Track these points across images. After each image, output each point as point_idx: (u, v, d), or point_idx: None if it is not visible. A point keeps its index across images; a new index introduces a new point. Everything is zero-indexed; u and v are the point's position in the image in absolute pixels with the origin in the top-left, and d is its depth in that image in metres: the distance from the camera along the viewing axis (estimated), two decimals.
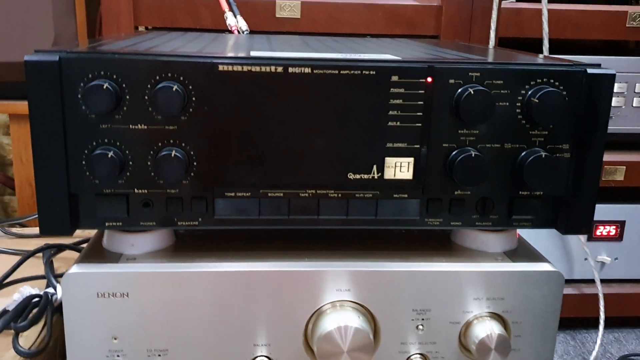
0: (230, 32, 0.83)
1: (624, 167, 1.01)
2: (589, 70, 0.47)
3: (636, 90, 0.99)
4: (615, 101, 1.00)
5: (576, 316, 1.07)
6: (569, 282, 1.07)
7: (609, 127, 1.01)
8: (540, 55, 0.89)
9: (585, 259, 1.05)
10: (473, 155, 0.47)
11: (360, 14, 0.94)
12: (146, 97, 0.45)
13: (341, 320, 0.48)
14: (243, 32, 0.83)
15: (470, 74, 0.46)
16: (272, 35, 0.77)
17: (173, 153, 0.45)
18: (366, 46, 0.64)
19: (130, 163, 0.46)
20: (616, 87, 0.99)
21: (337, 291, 0.50)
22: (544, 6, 0.90)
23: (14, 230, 0.90)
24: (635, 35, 0.98)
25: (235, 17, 0.83)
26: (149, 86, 0.45)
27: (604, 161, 0.99)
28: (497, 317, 0.51)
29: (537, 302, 0.51)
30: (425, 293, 0.50)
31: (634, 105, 1.00)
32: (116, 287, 0.48)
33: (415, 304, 0.50)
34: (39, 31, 0.95)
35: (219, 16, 0.85)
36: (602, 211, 1.05)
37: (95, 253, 0.51)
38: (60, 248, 0.76)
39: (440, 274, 0.50)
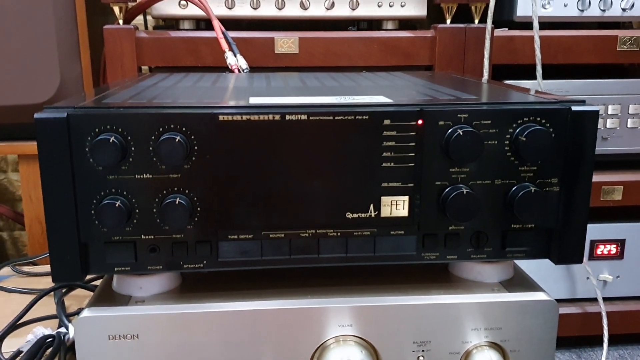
0: (231, 71, 0.86)
1: (622, 186, 1.02)
2: (574, 108, 0.49)
3: (630, 112, 1.01)
4: (610, 123, 1.02)
5: (580, 335, 1.08)
6: (571, 301, 1.08)
7: (605, 149, 1.03)
8: (533, 85, 0.91)
9: (587, 277, 1.06)
10: (465, 192, 0.49)
11: (356, 47, 0.97)
12: (151, 148, 0.47)
13: (344, 355, 0.50)
14: (243, 71, 0.85)
15: (459, 115, 0.49)
16: (271, 74, 0.79)
17: (177, 200, 0.47)
18: (361, 84, 0.66)
19: (137, 211, 0.48)
20: (610, 109, 1.01)
21: (339, 326, 0.51)
22: (536, 33, 0.93)
23: (25, 269, 0.92)
24: (626, 58, 1.00)
25: (235, 56, 0.86)
26: (153, 138, 0.47)
27: (602, 182, 1.01)
28: (495, 346, 0.53)
29: (533, 330, 0.53)
30: (425, 325, 0.52)
31: (628, 126, 1.02)
32: (126, 330, 0.50)
33: (416, 336, 0.52)
34: (45, 74, 0.98)
35: (220, 54, 0.88)
36: (602, 230, 1.06)
37: (105, 296, 0.53)
38: (71, 287, 0.78)
39: (439, 306, 0.52)
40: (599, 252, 1.07)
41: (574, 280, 1.08)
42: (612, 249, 1.07)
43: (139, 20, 1.15)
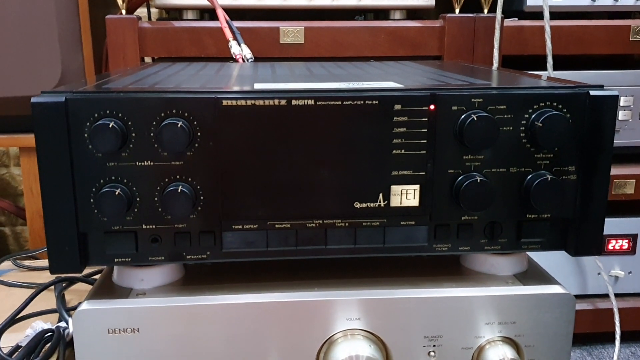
0: (235, 60, 0.84)
1: (634, 180, 1.00)
2: (592, 92, 0.47)
3: None
4: (622, 115, 0.99)
5: (592, 331, 1.06)
6: (583, 297, 1.06)
7: (616, 141, 1.01)
8: (544, 75, 0.89)
9: (599, 273, 1.04)
10: (479, 180, 0.47)
11: (363, 37, 0.95)
12: (152, 134, 0.45)
13: (352, 350, 0.48)
14: (247, 61, 0.84)
15: (472, 100, 0.47)
16: (276, 63, 0.77)
17: (180, 188, 0.46)
18: (369, 72, 0.64)
19: (138, 199, 0.46)
20: (622, 101, 0.99)
21: (347, 320, 0.49)
22: (547, 23, 0.91)
23: (26, 263, 0.91)
24: (638, 48, 0.98)
25: (239, 45, 0.84)
26: (154, 123, 0.45)
27: (614, 175, 0.98)
28: (509, 341, 0.51)
29: (549, 325, 0.51)
30: (436, 319, 0.50)
31: None
32: (127, 323, 0.48)
33: (427, 331, 0.50)
34: (46, 65, 0.96)
35: (224, 45, 0.86)
36: (614, 225, 1.04)
37: (105, 289, 0.52)
38: (72, 281, 0.76)
39: (451, 299, 0.50)
40: (610, 247, 1.05)
41: (584, 276, 1.06)
42: (624, 244, 1.05)
43: (141, 11, 1.13)
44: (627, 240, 1.05)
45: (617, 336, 0.98)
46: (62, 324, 0.64)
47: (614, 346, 0.97)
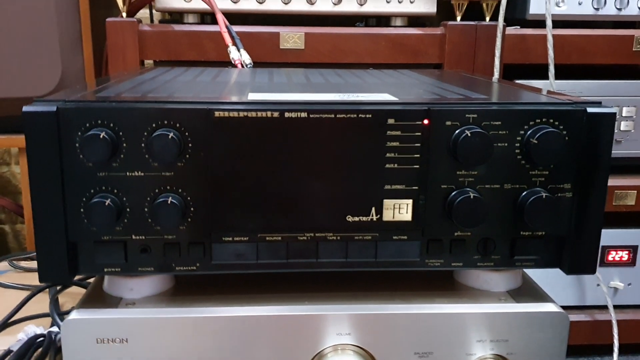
0: (234, 66, 0.83)
1: (635, 191, 0.99)
2: (589, 110, 0.47)
3: None
4: (624, 125, 0.99)
5: (590, 343, 1.05)
6: (581, 308, 1.05)
7: (618, 152, 1.01)
8: (546, 85, 0.89)
9: (598, 284, 1.03)
10: (472, 197, 0.46)
11: (363, 43, 0.94)
12: (143, 145, 0.45)
13: None
14: (246, 66, 0.83)
15: (467, 115, 0.46)
16: (274, 70, 0.77)
17: (170, 199, 0.45)
18: (367, 81, 0.64)
19: (128, 210, 0.46)
20: (625, 111, 0.98)
21: (337, 335, 0.49)
22: (549, 32, 0.90)
23: (22, 264, 0.91)
24: None
25: (238, 51, 0.84)
26: (145, 134, 0.45)
27: (615, 186, 0.98)
28: (501, 359, 0.50)
29: (541, 344, 0.50)
30: (427, 335, 0.49)
31: None
32: (115, 333, 0.48)
33: (418, 347, 0.50)
34: (47, 67, 0.96)
35: (224, 49, 0.86)
36: (614, 236, 1.03)
37: (95, 297, 0.51)
38: (66, 284, 0.76)
39: (442, 316, 0.50)
40: (610, 258, 1.04)
41: (583, 287, 1.05)
42: (624, 255, 1.04)
43: (144, 14, 1.13)
44: (627, 252, 1.04)
45: (616, 348, 0.98)
46: (54, 328, 0.64)
47: (612, 358, 0.97)
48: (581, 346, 1.06)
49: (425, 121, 0.46)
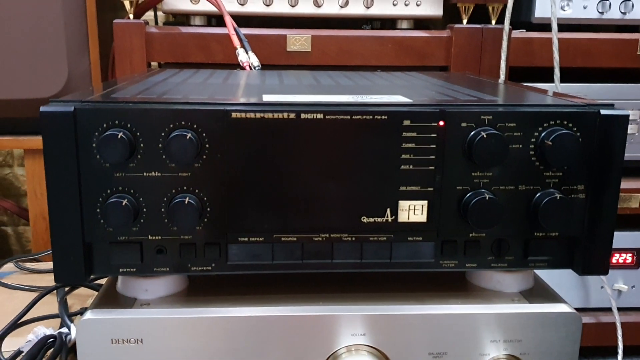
0: (242, 68, 0.84)
1: (639, 194, 1.00)
2: (602, 112, 0.47)
3: None
4: (629, 128, 0.99)
5: (594, 345, 1.05)
6: (586, 310, 1.05)
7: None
8: (551, 88, 0.89)
9: (602, 287, 1.04)
10: (487, 198, 0.47)
11: (370, 46, 0.95)
12: (160, 145, 0.45)
13: None
14: (254, 68, 0.83)
15: (482, 117, 0.46)
16: (283, 72, 0.77)
17: (186, 200, 0.45)
18: (377, 83, 0.64)
19: (144, 210, 0.46)
20: (630, 115, 0.99)
21: (352, 336, 0.49)
22: (554, 35, 0.90)
23: (29, 265, 0.91)
24: None
25: (246, 53, 0.84)
26: (162, 134, 0.45)
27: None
28: (514, 359, 0.50)
29: (554, 344, 0.50)
30: (441, 336, 0.50)
31: None
32: (130, 334, 0.48)
33: (432, 348, 0.50)
34: (53, 68, 0.96)
35: (231, 51, 0.86)
36: (618, 239, 1.03)
37: (109, 298, 0.51)
38: (74, 285, 0.76)
39: (456, 316, 0.50)
40: (614, 260, 1.04)
41: (587, 289, 1.05)
42: (628, 257, 1.05)
43: (149, 15, 1.13)
44: (631, 254, 1.05)
45: (620, 350, 0.98)
46: (64, 329, 0.64)
47: None
48: (585, 348, 1.06)
49: (441, 123, 0.46)
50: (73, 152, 0.44)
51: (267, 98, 0.49)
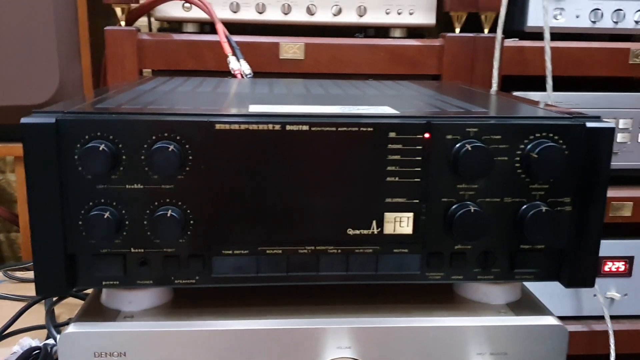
0: (234, 76, 0.83)
1: (632, 202, 1.00)
2: (588, 124, 0.47)
3: None
4: (620, 137, 0.99)
5: (586, 354, 1.05)
6: (578, 319, 1.05)
7: (615, 163, 1.01)
8: (543, 97, 0.89)
9: (594, 295, 1.03)
10: (472, 210, 0.46)
11: (362, 54, 0.95)
12: (143, 157, 0.45)
13: None
14: (246, 76, 0.83)
15: (467, 129, 0.46)
16: (274, 80, 0.77)
17: (169, 212, 0.45)
18: (367, 93, 0.64)
19: (127, 223, 0.46)
20: (621, 123, 0.99)
21: (337, 348, 0.49)
22: (547, 44, 0.90)
23: (17, 274, 0.90)
24: (638, 71, 0.98)
25: (238, 61, 0.84)
26: (145, 146, 0.45)
27: (611, 197, 0.98)
28: None
29: (541, 357, 0.50)
30: (427, 348, 0.49)
31: (639, 140, 0.99)
32: (114, 347, 0.47)
33: None
34: (44, 75, 0.96)
35: (223, 58, 0.86)
36: (611, 247, 1.03)
37: (93, 310, 0.51)
38: (62, 296, 0.76)
39: (442, 329, 0.49)
40: (606, 269, 1.04)
41: (580, 298, 1.05)
42: (620, 266, 1.04)
43: (143, 22, 1.13)
44: (623, 263, 1.04)
45: (612, 359, 0.98)
46: (50, 341, 0.64)
47: None
48: (578, 356, 1.05)
49: (427, 135, 0.46)
50: (55, 164, 0.44)
51: (253, 109, 0.49)
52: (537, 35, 0.95)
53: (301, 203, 0.47)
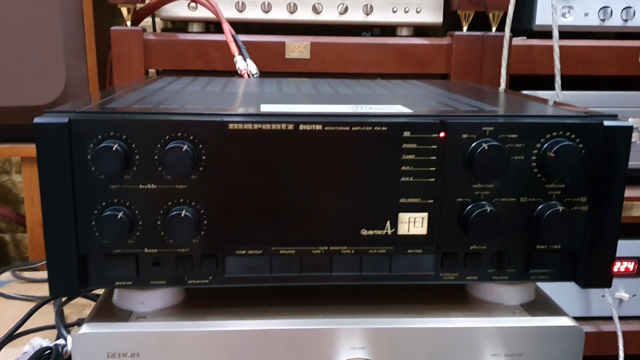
0: (241, 75, 0.83)
1: None
2: (606, 123, 0.46)
3: None
4: None
5: (595, 354, 1.04)
6: (586, 319, 1.04)
7: None
8: (552, 95, 0.88)
9: (603, 295, 1.03)
10: (488, 210, 0.46)
11: (369, 53, 0.94)
12: (156, 157, 0.44)
13: None
14: (253, 76, 0.83)
15: (483, 128, 0.46)
16: (282, 80, 0.76)
17: (183, 213, 0.45)
18: (377, 92, 0.64)
19: (140, 223, 0.45)
20: (631, 122, 0.98)
21: (351, 349, 0.48)
22: (555, 43, 0.90)
23: (26, 274, 0.90)
24: None
25: (244, 60, 0.84)
26: (158, 146, 0.44)
27: None
28: None
29: (556, 357, 0.50)
30: (441, 350, 0.49)
31: None
32: (127, 347, 0.47)
33: None
34: (50, 75, 0.95)
35: (229, 58, 0.86)
36: (619, 247, 1.01)
37: (105, 310, 0.51)
38: (71, 296, 0.75)
39: (457, 330, 0.49)
40: (615, 269, 1.04)
41: (588, 298, 1.04)
42: (630, 266, 1.04)
43: (147, 23, 1.13)
44: (632, 263, 1.04)
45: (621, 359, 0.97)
46: (61, 341, 0.63)
47: None
48: (586, 357, 1.05)
49: (442, 134, 0.46)
50: (68, 164, 0.44)
51: (265, 108, 0.48)
52: (546, 33, 0.94)
53: (314, 203, 0.46)
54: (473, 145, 0.46)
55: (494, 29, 0.96)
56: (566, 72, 0.93)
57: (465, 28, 0.96)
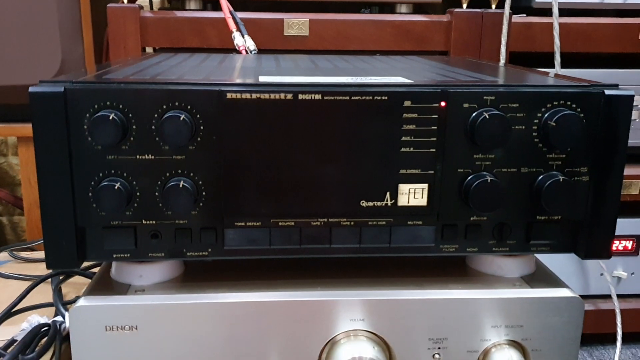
0: (238, 52, 0.82)
1: (639, 180, 0.99)
2: (607, 92, 0.46)
3: None
4: None
5: (593, 332, 1.05)
6: (585, 297, 1.04)
7: None
8: (552, 72, 0.88)
9: (601, 274, 1.03)
10: (489, 180, 0.46)
11: (368, 30, 0.93)
12: (153, 127, 0.44)
13: (355, 351, 0.47)
14: (251, 52, 0.82)
15: (485, 97, 0.45)
16: (280, 55, 0.76)
17: (181, 183, 0.44)
18: (376, 66, 0.63)
19: (138, 194, 0.45)
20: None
21: (350, 321, 0.48)
22: (555, 20, 0.89)
23: (23, 254, 0.89)
24: None
25: (242, 37, 0.83)
26: (155, 116, 0.44)
27: None
28: (516, 344, 0.50)
29: (557, 329, 0.50)
30: (441, 321, 0.49)
31: None
32: (125, 321, 0.47)
33: (432, 333, 0.49)
34: (46, 54, 0.94)
35: (227, 36, 0.85)
36: (618, 225, 1.01)
37: (103, 284, 0.50)
38: (69, 274, 0.75)
39: (456, 301, 0.49)
40: (613, 247, 1.04)
41: (587, 276, 1.05)
42: (628, 244, 1.04)
43: (143, 1, 1.11)
44: (630, 241, 1.04)
45: (619, 337, 0.97)
46: (59, 318, 0.63)
47: (615, 347, 0.96)
48: (584, 335, 1.05)
49: (442, 103, 0.45)
50: (64, 134, 0.43)
51: (263, 79, 0.48)
52: (545, 11, 0.93)
53: (314, 174, 0.46)
54: (474, 114, 0.45)
55: (493, 6, 0.95)
56: (565, 50, 0.93)
57: (464, 5, 0.95)
